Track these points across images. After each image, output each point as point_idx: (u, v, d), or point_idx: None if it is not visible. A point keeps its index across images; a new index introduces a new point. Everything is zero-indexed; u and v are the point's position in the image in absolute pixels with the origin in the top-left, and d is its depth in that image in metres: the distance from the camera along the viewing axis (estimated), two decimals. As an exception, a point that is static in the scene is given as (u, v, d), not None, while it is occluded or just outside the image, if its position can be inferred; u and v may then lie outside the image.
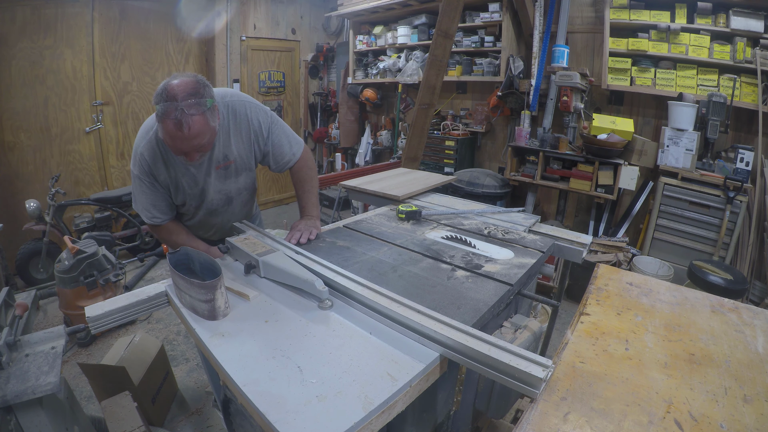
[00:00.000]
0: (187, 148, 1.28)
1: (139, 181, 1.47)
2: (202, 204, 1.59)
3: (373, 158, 5.69)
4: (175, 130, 1.21)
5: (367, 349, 0.94)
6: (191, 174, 1.49)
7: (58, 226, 3.48)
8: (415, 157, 3.59)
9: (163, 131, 1.25)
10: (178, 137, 1.23)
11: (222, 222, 1.72)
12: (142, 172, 1.44)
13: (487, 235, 1.65)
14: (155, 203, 1.52)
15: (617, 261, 3.04)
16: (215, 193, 1.58)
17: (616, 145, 3.41)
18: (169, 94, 1.20)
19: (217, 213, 1.66)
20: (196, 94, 1.22)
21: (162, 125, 1.24)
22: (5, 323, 1.37)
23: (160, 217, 1.55)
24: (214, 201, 1.60)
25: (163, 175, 1.46)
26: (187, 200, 1.56)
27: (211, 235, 1.77)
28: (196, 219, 1.66)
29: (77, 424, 1.47)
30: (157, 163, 1.44)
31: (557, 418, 0.76)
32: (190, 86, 1.23)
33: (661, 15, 3.43)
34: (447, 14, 3.07)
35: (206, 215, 1.65)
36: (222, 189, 1.59)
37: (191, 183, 1.51)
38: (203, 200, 1.58)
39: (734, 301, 1.19)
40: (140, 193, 1.50)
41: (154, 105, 1.24)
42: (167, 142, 1.28)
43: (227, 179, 1.59)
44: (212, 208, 1.62)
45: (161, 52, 4.54)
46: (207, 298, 1.03)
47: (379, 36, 5.26)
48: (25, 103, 3.70)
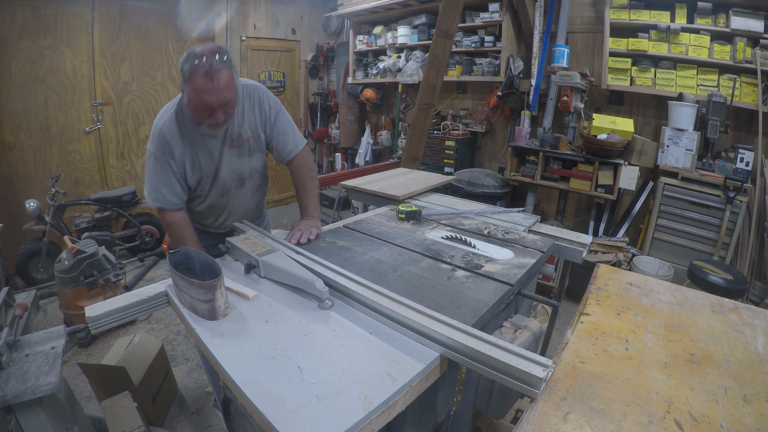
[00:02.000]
0: (216, 102, 1.32)
1: (154, 158, 1.48)
2: (215, 182, 1.60)
3: (373, 158, 5.69)
4: (206, 83, 1.27)
5: (367, 349, 0.94)
6: (208, 149, 1.52)
7: (58, 226, 3.48)
8: (415, 157, 3.59)
9: (192, 89, 1.30)
10: (208, 90, 1.28)
11: (233, 206, 1.72)
12: (159, 148, 1.46)
13: (487, 235, 1.65)
14: (167, 183, 1.50)
15: (617, 261, 3.05)
16: (228, 173, 1.61)
17: (616, 145, 3.41)
18: (197, 54, 1.28)
19: (228, 194, 1.66)
20: (220, 53, 1.31)
21: (191, 83, 1.29)
22: (5, 323, 1.37)
23: (169, 201, 1.52)
24: (227, 180, 1.62)
25: (180, 150, 1.48)
26: (203, 178, 1.56)
27: (221, 223, 1.75)
28: (207, 202, 1.65)
29: (77, 424, 1.47)
30: (175, 138, 1.46)
31: (557, 418, 0.76)
32: (215, 48, 1.32)
33: (661, 15, 3.43)
34: (447, 14, 3.08)
35: (218, 196, 1.64)
36: (235, 168, 1.62)
37: (207, 159, 1.54)
38: (216, 178, 1.59)
39: (734, 301, 1.19)
40: (153, 172, 1.49)
41: (181, 71, 1.31)
42: (196, 100, 1.32)
43: (241, 158, 1.62)
44: (225, 188, 1.63)
45: (161, 52, 4.54)
46: (207, 298, 1.03)
47: (379, 36, 5.26)
48: (25, 103, 3.69)
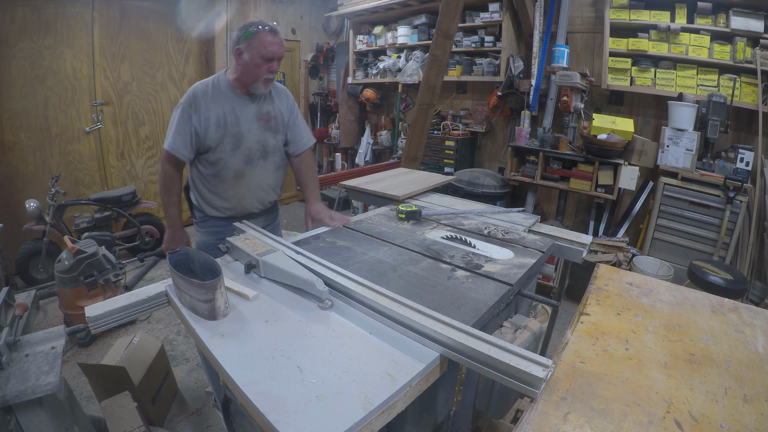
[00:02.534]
0: (279, 53, 1.66)
1: (180, 110, 1.68)
2: (240, 147, 1.74)
3: (373, 158, 5.69)
4: (272, 37, 1.63)
5: (367, 349, 0.94)
6: (236, 114, 1.71)
7: (58, 226, 3.48)
8: (415, 157, 3.59)
9: (259, 43, 1.61)
10: (273, 42, 1.63)
11: (255, 178, 1.84)
12: (186, 101, 1.68)
13: (487, 235, 1.65)
14: (182, 133, 1.68)
15: (617, 261, 3.05)
16: (254, 142, 1.78)
17: (616, 145, 3.41)
18: (256, 22, 1.64)
19: (252, 163, 1.80)
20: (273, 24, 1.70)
21: (257, 38, 1.61)
22: (5, 323, 1.37)
23: (177, 148, 1.69)
24: (252, 148, 1.78)
25: (206, 106, 1.67)
26: (225, 137, 1.71)
27: (242, 196, 1.84)
28: (232, 166, 1.76)
29: (77, 424, 1.47)
30: (207, 96, 1.68)
31: (557, 418, 0.76)
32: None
33: (661, 15, 3.43)
34: (447, 14, 3.08)
35: (243, 162, 1.77)
36: (261, 139, 1.80)
37: (233, 121, 1.71)
38: (241, 143, 1.74)
39: (734, 301, 1.19)
40: (175, 121, 1.69)
41: (239, 38, 1.63)
42: (263, 52, 1.61)
43: (267, 131, 1.81)
44: (250, 155, 1.78)
45: (161, 52, 4.54)
46: (207, 298, 1.03)
47: (379, 36, 5.26)
48: (25, 103, 3.69)
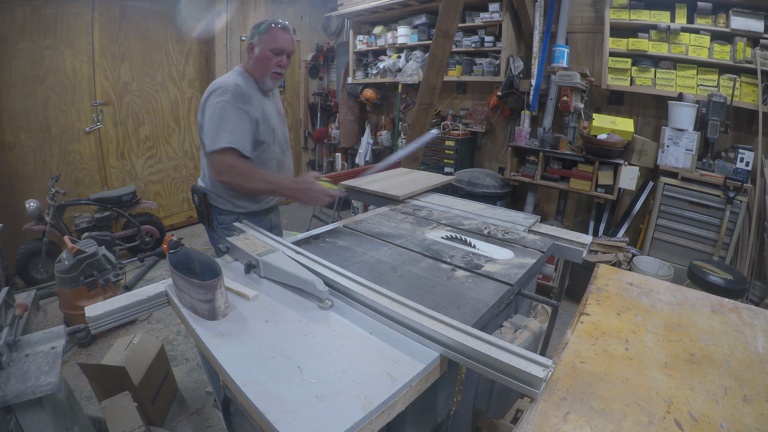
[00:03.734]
0: (289, 48, 1.73)
1: (230, 106, 1.61)
2: (276, 139, 1.86)
3: (373, 158, 5.69)
4: (283, 33, 1.70)
5: (367, 349, 0.94)
6: (267, 109, 1.79)
7: (58, 226, 3.48)
8: (415, 157, 3.59)
9: (271, 37, 1.68)
10: (285, 38, 1.70)
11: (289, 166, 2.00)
12: (236, 97, 1.63)
13: (487, 235, 1.65)
14: (242, 129, 1.64)
15: (617, 261, 3.05)
16: (281, 134, 1.92)
17: (616, 145, 3.41)
18: (271, 20, 1.71)
19: (284, 153, 1.95)
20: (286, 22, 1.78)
21: (270, 33, 1.68)
22: (5, 323, 1.37)
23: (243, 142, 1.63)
24: (282, 141, 1.92)
25: (255, 102, 1.71)
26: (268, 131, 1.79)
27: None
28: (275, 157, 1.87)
29: (77, 424, 1.47)
30: (251, 92, 1.72)
31: (557, 418, 0.76)
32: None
33: (661, 15, 3.43)
34: (447, 14, 3.07)
35: (280, 152, 1.91)
36: (283, 132, 1.96)
37: (269, 115, 1.80)
38: (276, 137, 1.86)
39: (734, 301, 1.19)
40: (226, 117, 1.60)
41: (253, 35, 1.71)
42: (273, 46, 1.68)
43: (284, 125, 1.98)
44: (282, 146, 1.92)
45: (161, 52, 4.54)
46: (207, 298, 1.03)
47: (379, 36, 5.25)
48: (25, 103, 3.69)
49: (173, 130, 4.84)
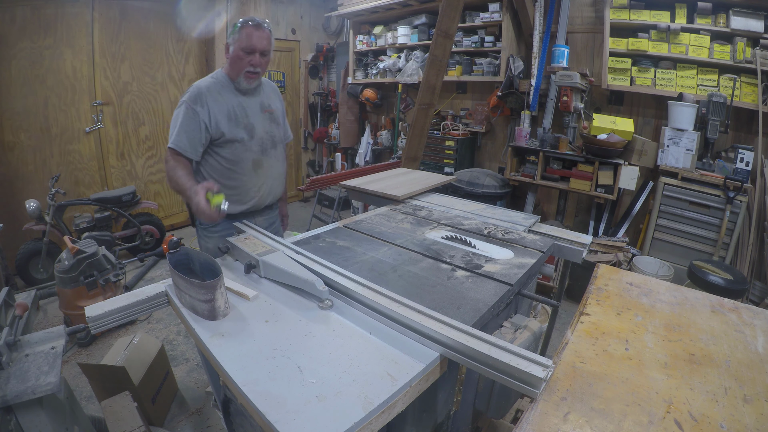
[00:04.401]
0: (260, 46, 1.70)
1: (184, 107, 1.68)
2: (254, 137, 1.83)
3: (373, 158, 5.69)
4: (255, 30, 1.68)
5: (367, 349, 0.94)
6: (243, 107, 1.79)
7: (58, 226, 3.48)
8: (415, 157, 3.58)
9: (243, 35, 1.67)
10: (256, 35, 1.68)
11: (271, 166, 1.93)
12: (191, 98, 1.69)
13: (487, 235, 1.65)
14: (188, 130, 1.68)
15: (617, 261, 3.05)
16: (264, 132, 1.87)
17: (616, 145, 3.41)
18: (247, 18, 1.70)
19: (266, 153, 1.89)
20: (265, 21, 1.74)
21: (242, 31, 1.67)
22: (5, 323, 1.37)
23: (183, 146, 1.68)
24: (264, 138, 1.87)
25: (214, 102, 1.71)
26: (239, 127, 1.76)
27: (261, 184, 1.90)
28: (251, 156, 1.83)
29: (77, 424, 1.47)
30: (212, 92, 1.72)
31: (557, 418, 0.76)
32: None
33: (661, 15, 3.43)
34: (447, 14, 3.07)
35: (260, 152, 1.86)
36: (269, 130, 1.90)
37: (242, 113, 1.78)
38: (254, 135, 1.82)
39: (734, 301, 1.19)
40: (179, 119, 1.69)
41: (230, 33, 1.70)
42: (245, 44, 1.67)
43: (271, 123, 1.92)
44: (263, 145, 1.87)
45: (161, 52, 4.54)
46: (207, 298, 1.03)
47: (379, 36, 5.25)
48: (25, 103, 3.69)
49: (173, 130, 4.84)
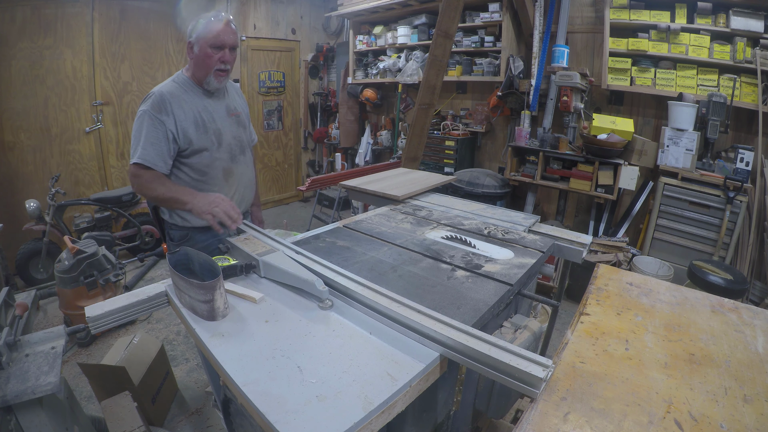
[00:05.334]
0: (230, 42, 1.63)
1: (147, 117, 1.57)
2: (222, 144, 1.73)
3: (373, 158, 5.69)
4: (223, 26, 1.60)
5: (367, 349, 0.94)
6: (209, 112, 1.70)
7: (58, 226, 3.48)
8: (415, 157, 3.58)
9: (210, 32, 1.59)
10: (225, 31, 1.61)
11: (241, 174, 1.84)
12: (154, 107, 1.58)
13: (487, 235, 1.64)
14: (154, 142, 1.57)
15: (617, 261, 3.04)
16: (231, 138, 1.78)
17: (616, 145, 3.41)
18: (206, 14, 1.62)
19: (236, 160, 1.81)
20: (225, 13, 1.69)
21: (208, 29, 1.59)
22: (5, 323, 1.37)
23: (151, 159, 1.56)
24: (232, 144, 1.78)
25: (180, 110, 1.61)
26: (208, 135, 1.68)
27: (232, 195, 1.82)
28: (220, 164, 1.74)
29: (77, 424, 1.47)
30: (175, 99, 1.62)
31: (557, 418, 0.76)
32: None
33: (661, 15, 3.43)
34: (447, 14, 3.07)
35: (229, 159, 1.77)
36: (236, 135, 1.81)
37: (210, 118, 1.69)
38: (222, 140, 1.73)
39: (734, 301, 1.19)
40: (142, 129, 1.57)
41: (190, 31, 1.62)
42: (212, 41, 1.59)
43: (239, 127, 1.84)
44: (232, 152, 1.78)
45: (161, 52, 4.54)
46: (206, 298, 1.03)
47: (379, 36, 5.26)
48: (25, 103, 3.70)
49: (173, 130, 4.84)
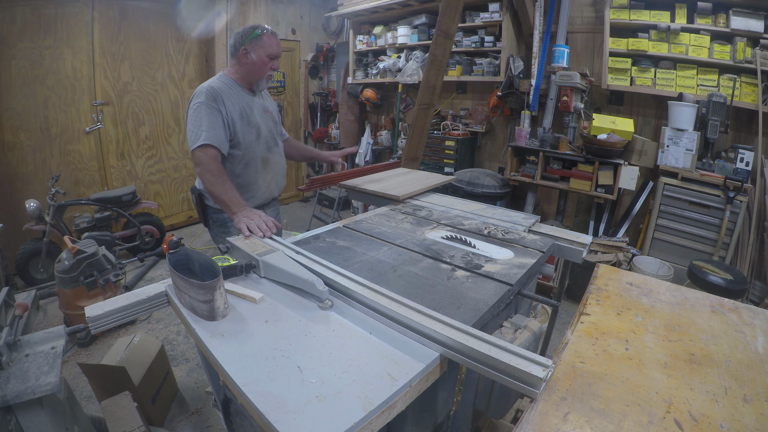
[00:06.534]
0: (279, 52, 1.93)
1: (204, 107, 1.76)
2: (260, 136, 1.98)
3: (373, 158, 5.69)
4: (273, 39, 1.90)
5: (367, 349, 0.94)
6: (250, 107, 1.94)
7: (58, 226, 3.48)
8: (415, 157, 3.58)
9: (265, 44, 1.87)
10: (276, 42, 1.91)
11: (277, 163, 2.11)
12: (209, 98, 1.78)
13: (487, 235, 1.64)
14: (214, 126, 1.77)
15: (617, 261, 3.05)
16: (267, 131, 2.04)
17: (616, 145, 3.41)
18: (257, 26, 1.88)
19: (272, 150, 2.06)
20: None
21: (263, 40, 1.86)
22: (5, 323, 1.37)
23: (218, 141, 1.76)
24: (268, 137, 2.03)
25: (229, 103, 1.84)
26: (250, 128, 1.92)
27: (270, 179, 2.08)
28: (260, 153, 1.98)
29: (77, 424, 1.47)
30: (224, 93, 1.84)
31: (557, 418, 0.76)
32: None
33: (661, 15, 3.43)
34: (447, 14, 3.07)
35: (266, 149, 2.02)
36: (271, 129, 2.07)
37: (251, 113, 1.94)
38: (260, 134, 1.98)
39: (734, 301, 1.19)
40: (200, 117, 1.76)
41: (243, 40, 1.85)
42: (269, 51, 1.88)
43: (271, 122, 2.09)
44: (268, 143, 2.04)
45: (161, 52, 4.54)
46: (206, 298, 1.03)
47: (379, 36, 5.26)
48: (25, 103, 3.69)
49: (173, 130, 4.85)
